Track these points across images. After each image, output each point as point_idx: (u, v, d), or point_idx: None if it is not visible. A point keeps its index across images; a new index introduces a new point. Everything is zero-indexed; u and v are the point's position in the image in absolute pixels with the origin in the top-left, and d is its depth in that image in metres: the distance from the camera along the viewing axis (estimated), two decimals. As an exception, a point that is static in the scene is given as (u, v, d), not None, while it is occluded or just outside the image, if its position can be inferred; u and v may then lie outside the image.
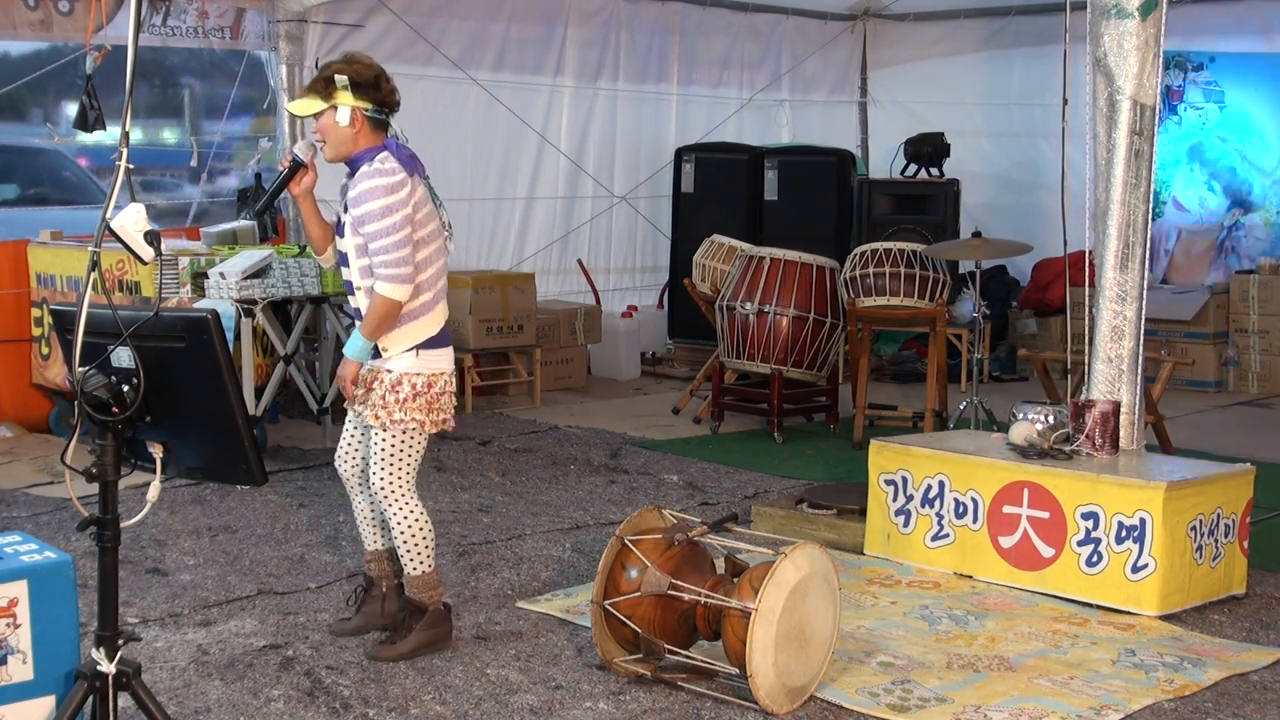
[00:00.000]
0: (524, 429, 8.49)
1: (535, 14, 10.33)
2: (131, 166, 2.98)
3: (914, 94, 12.12)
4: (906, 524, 5.68)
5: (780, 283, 8.13)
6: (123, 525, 3.10)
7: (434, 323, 4.62)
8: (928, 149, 10.62)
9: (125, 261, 7.26)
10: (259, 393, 7.44)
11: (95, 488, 3.06)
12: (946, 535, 5.56)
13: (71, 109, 8.24)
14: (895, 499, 5.71)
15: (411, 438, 4.59)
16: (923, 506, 5.63)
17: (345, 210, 4.62)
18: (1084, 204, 5.64)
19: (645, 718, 4.15)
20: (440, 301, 4.63)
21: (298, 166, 4.68)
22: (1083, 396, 5.59)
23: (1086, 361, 5.62)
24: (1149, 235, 5.60)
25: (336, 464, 4.92)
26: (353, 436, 4.83)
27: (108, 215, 2.95)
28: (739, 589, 4.21)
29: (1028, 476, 5.33)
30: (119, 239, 2.98)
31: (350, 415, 4.80)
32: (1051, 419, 5.45)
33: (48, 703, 3.26)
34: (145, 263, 3.12)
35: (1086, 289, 5.58)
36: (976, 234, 8.21)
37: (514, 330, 9.25)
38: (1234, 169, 10.74)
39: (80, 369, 3.01)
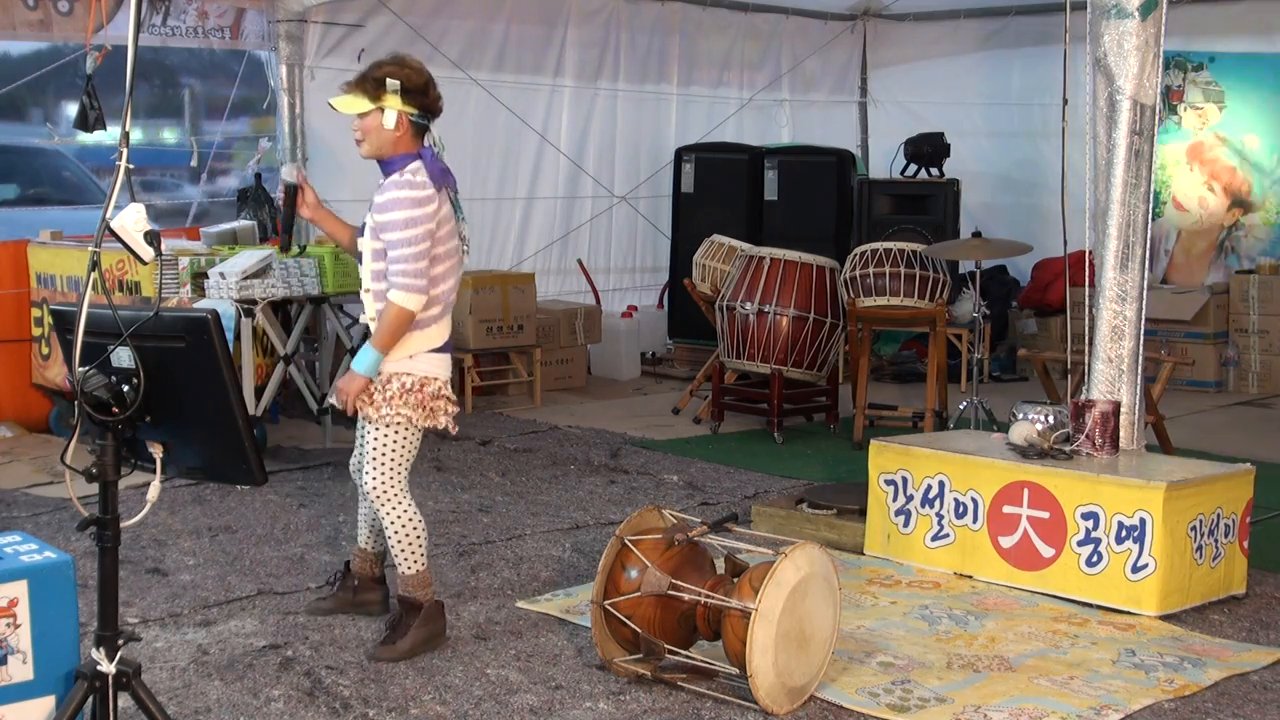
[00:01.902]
0: (524, 429, 8.49)
1: (535, 14, 10.33)
2: (131, 166, 2.98)
3: (914, 94, 12.12)
4: (906, 524, 5.68)
5: (780, 283, 8.13)
6: (123, 525, 3.10)
7: (438, 334, 4.64)
8: (928, 149, 10.62)
9: (125, 261, 7.26)
10: (259, 393, 7.45)
11: (95, 488, 3.06)
12: (946, 535, 5.56)
13: (71, 109, 8.24)
14: (895, 499, 5.71)
15: (400, 434, 4.58)
16: (923, 506, 5.63)
17: (369, 211, 4.62)
18: (1084, 204, 5.64)
19: (645, 718, 4.15)
20: (447, 315, 4.66)
21: (293, 191, 4.74)
22: (1083, 396, 5.59)
23: (1086, 361, 5.62)
24: (1149, 235, 5.60)
25: (351, 469, 4.97)
26: (362, 440, 4.84)
27: (108, 215, 2.95)
28: (739, 589, 4.21)
29: (1028, 476, 5.33)
30: (119, 239, 2.98)
31: (360, 421, 4.79)
32: (1051, 419, 5.45)
33: (48, 703, 3.26)
34: (145, 263, 3.12)
35: (1086, 289, 5.58)
36: (976, 234, 8.22)
37: (514, 330, 9.25)
38: (1234, 169, 10.74)
39: (80, 369, 3.01)
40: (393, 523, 4.61)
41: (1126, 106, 5.45)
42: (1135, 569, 5.06)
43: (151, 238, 3.01)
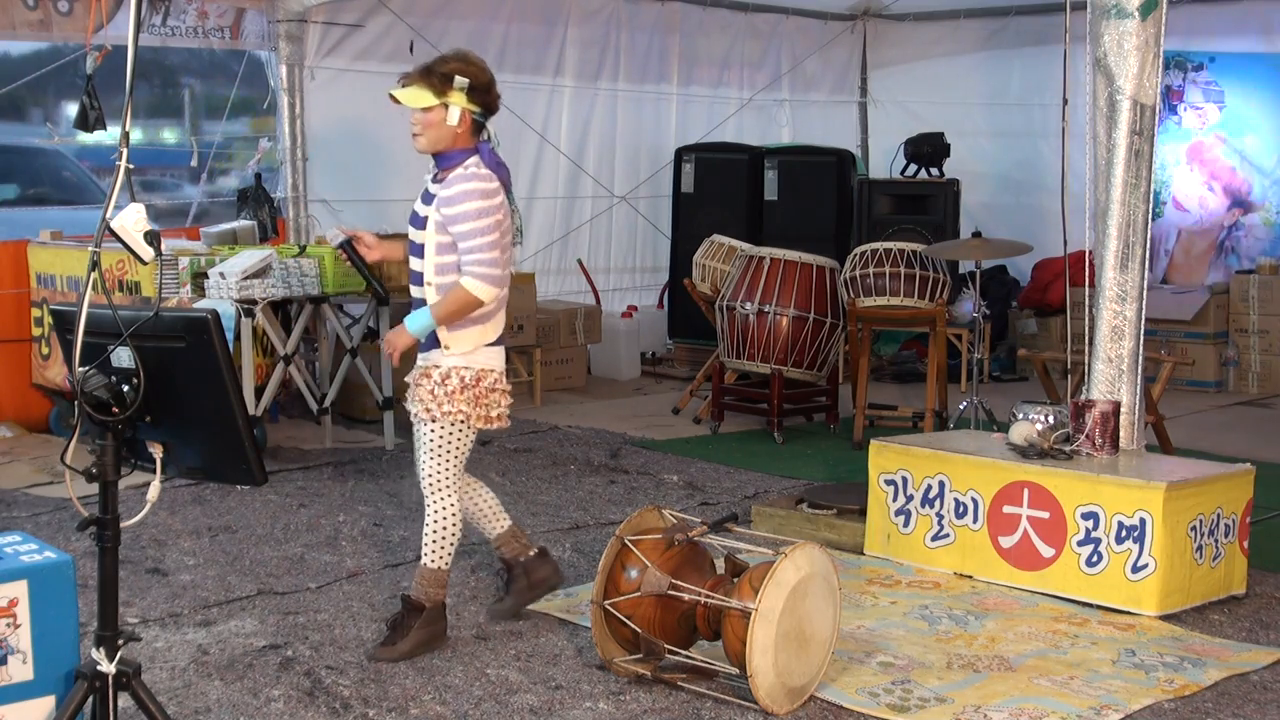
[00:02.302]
0: (524, 429, 8.49)
1: (535, 14, 10.33)
2: (131, 166, 2.98)
3: (914, 94, 12.12)
4: (906, 524, 5.68)
5: (780, 283, 8.13)
6: (123, 525, 3.10)
7: (495, 327, 4.67)
8: (928, 149, 10.62)
9: (125, 261, 7.26)
10: (259, 393, 7.44)
11: (95, 488, 3.06)
12: (946, 535, 5.56)
13: (71, 109, 8.24)
14: (895, 499, 5.71)
15: (458, 430, 4.64)
16: (923, 506, 5.63)
17: (426, 203, 4.62)
18: (1084, 204, 5.64)
19: (645, 718, 4.15)
20: (503, 309, 4.69)
21: (350, 245, 4.83)
22: (1083, 396, 5.59)
23: (1086, 361, 5.62)
24: (1149, 235, 5.60)
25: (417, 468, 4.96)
26: None
27: (108, 215, 2.95)
28: (739, 589, 4.21)
29: (1028, 476, 5.33)
30: (119, 239, 2.98)
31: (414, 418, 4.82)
32: (1051, 419, 5.45)
33: (48, 703, 3.26)
34: (145, 263, 3.12)
35: (1086, 289, 5.58)
36: (976, 234, 8.21)
37: (514, 330, 9.25)
38: (1234, 169, 10.74)
39: (80, 369, 3.01)
40: (436, 514, 4.67)
41: (1126, 106, 5.45)
42: (1135, 569, 5.06)
43: (151, 238, 3.00)
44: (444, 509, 4.67)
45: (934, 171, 10.63)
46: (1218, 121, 10.76)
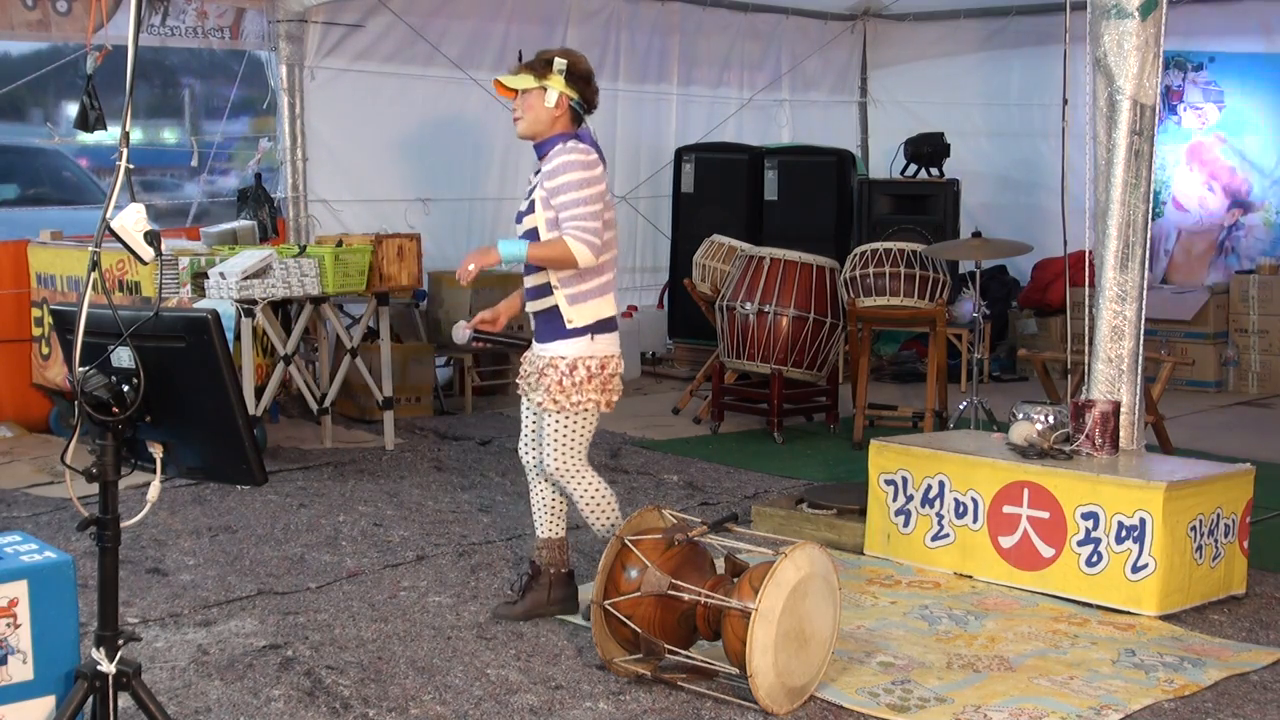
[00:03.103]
0: (524, 429, 8.48)
1: (535, 14, 10.33)
2: (131, 166, 2.98)
3: (914, 94, 12.11)
4: (906, 524, 5.68)
5: (780, 283, 8.13)
6: (123, 525, 3.10)
7: (611, 304, 4.80)
8: (928, 149, 10.63)
9: (125, 261, 7.26)
10: (259, 393, 7.44)
11: (95, 488, 3.06)
12: (946, 535, 5.56)
13: (71, 109, 8.24)
14: (895, 499, 5.71)
15: (586, 418, 4.80)
16: (923, 506, 5.63)
17: (532, 190, 4.78)
18: (1084, 204, 5.64)
19: (645, 718, 4.15)
20: (615, 288, 4.82)
21: (479, 338, 5.07)
22: (1083, 396, 5.58)
23: (1086, 361, 5.62)
24: (1149, 235, 5.60)
25: (520, 453, 5.13)
26: (534, 425, 5.03)
27: (108, 215, 2.95)
28: (739, 589, 4.21)
29: (1028, 476, 5.33)
30: (119, 239, 2.98)
31: (525, 405, 5.04)
32: (1051, 419, 5.45)
33: (48, 703, 3.26)
34: (145, 263, 3.12)
35: (1086, 289, 5.58)
36: (976, 234, 8.21)
37: (514, 330, 9.23)
38: (1233, 169, 10.74)
39: (80, 369, 3.01)
40: (581, 496, 4.85)
41: (1126, 106, 5.45)
42: (1135, 569, 5.06)
43: (151, 238, 3.00)
44: (585, 488, 4.85)
45: (934, 171, 10.63)
46: (1218, 121, 10.76)
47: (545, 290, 4.78)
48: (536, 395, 4.82)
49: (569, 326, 4.74)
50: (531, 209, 4.75)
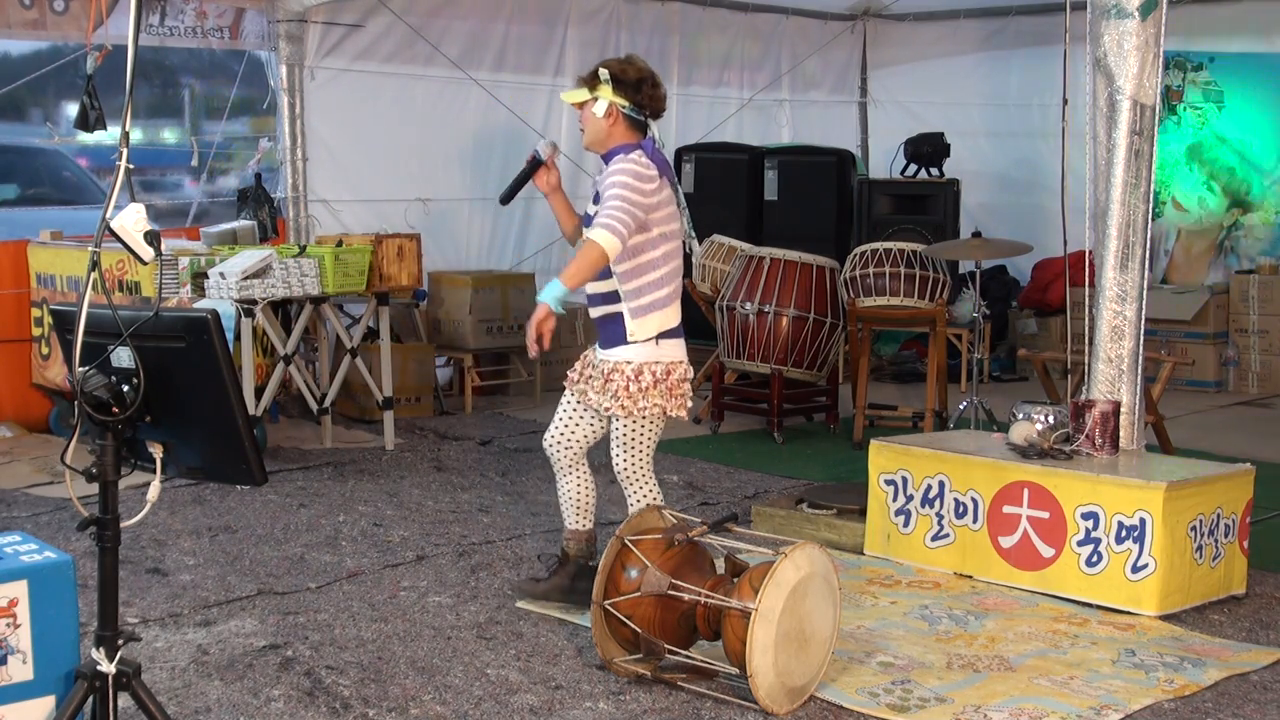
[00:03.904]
0: (524, 429, 8.49)
1: (535, 14, 10.33)
2: (131, 166, 2.98)
3: (914, 94, 12.11)
4: (906, 524, 5.68)
5: (780, 283, 8.13)
6: (123, 525, 3.10)
7: (674, 314, 4.83)
8: (928, 149, 10.62)
9: (125, 261, 7.26)
10: (259, 393, 7.44)
11: (95, 488, 3.06)
12: (946, 535, 5.56)
13: (71, 109, 8.24)
14: (895, 499, 5.71)
15: (652, 424, 4.85)
16: (923, 506, 5.63)
17: (595, 202, 4.83)
18: (1084, 204, 5.64)
19: (645, 718, 4.15)
20: (679, 297, 4.84)
21: (538, 164, 5.00)
22: (1083, 396, 5.59)
23: (1086, 361, 5.62)
24: (1149, 235, 5.60)
25: (545, 444, 5.11)
26: (570, 419, 5.03)
27: (108, 215, 2.95)
28: (739, 589, 4.21)
29: (1028, 476, 5.33)
30: (119, 239, 2.98)
31: (567, 399, 5.02)
32: (1051, 419, 5.45)
33: (48, 703, 3.25)
34: (145, 263, 3.12)
35: (1086, 289, 5.58)
36: (976, 234, 8.21)
37: (514, 330, 9.25)
38: (1233, 169, 10.74)
39: (80, 369, 3.01)
40: (639, 501, 4.89)
41: (1126, 106, 5.45)
42: (1135, 569, 5.06)
43: (151, 238, 3.00)
44: (646, 494, 4.89)
45: (934, 171, 10.63)
46: (1217, 121, 10.76)
47: (609, 299, 4.82)
48: (604, 400, 4.81)
49: (630, 339, 4.79)
50: (589, 222, 4.81)
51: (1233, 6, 10.30)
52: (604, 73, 4.78)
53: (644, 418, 4.82)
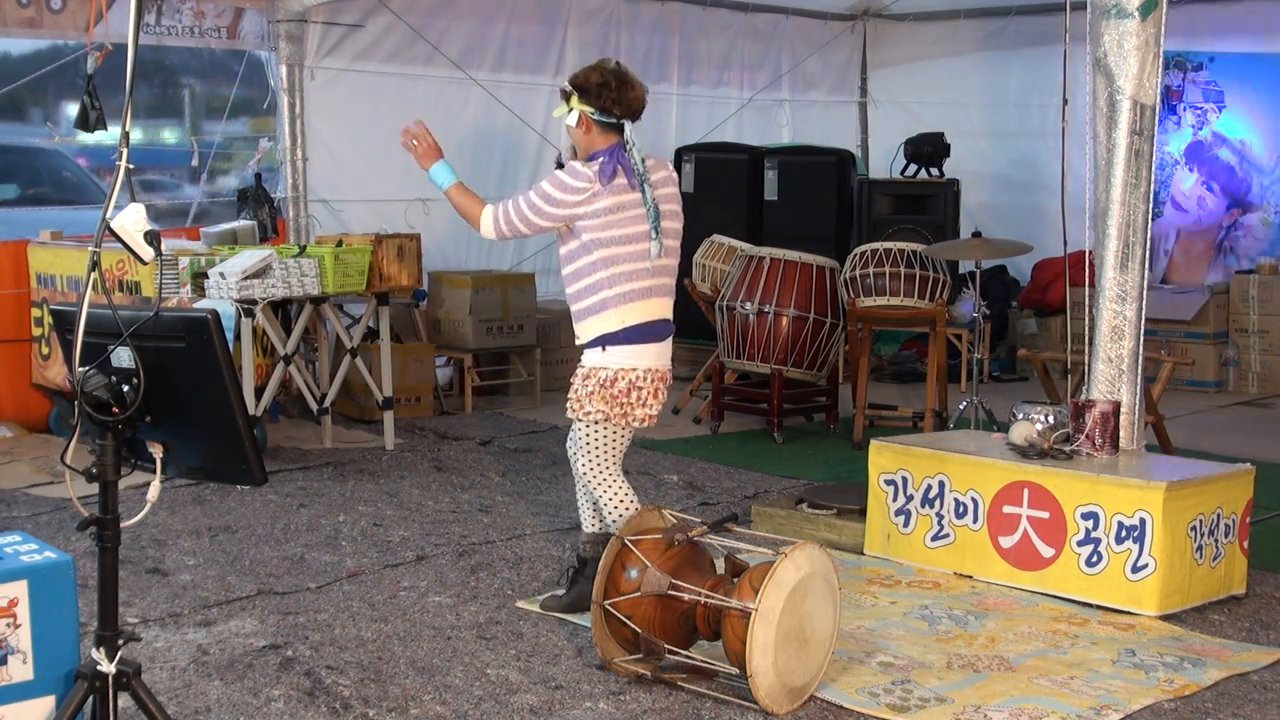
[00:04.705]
0: (524, 429, 8.49)
1: (535, 14, 10.33)
2: (131, 166, 2.98)
3: (914, 94, 12.12)
4: (906, 524, 5.68)
5: (780, 283, 8.13)
6: (123, 525, 3.10)
7: (615, 320, 4.81)
8: (928, 149, 10.62)
9: (125, 261, 7.26)
10: (259, 393, 7.44)
11: (95, 488, 3.06)
12: (946, 535, 5.56)
13: (71, 109, 8.24)
14: (895, 499, 5.71)
15: (600, 429, 4.86)
16: (923, 506, 5.63)
17: None
18: (1084, 204, 5.65)
19: (645, 718, 4.15)
20: (627, 304, 4.81)
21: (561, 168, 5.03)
22: (1083, 396, 5.59)
23: (1086, 361, 5.62)
24: (1149, 235, 5.60)
25: (568, 448, 5.12)
26: None
27: (108, 215, 2.95)
28: (739, 589, 4.21)
29: (1028, 476, 5.33)
30: (119, 239, 2.98)
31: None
32: (1051, 419, 5.45)
33: (48, 703, 3.26)
34: (145, 263, 3.12)
35: (1086, 289, 5.58)
36: (976, 234, 8.21)
37: (514, 330, 9.25)
38: (1233, 169, 10.74)
39: (80, 369, 3.01)
40: (608, 502, 4.91)
41: (1126, 106, 5.45)
42: (1135, 569, 5.06)
43: (151, 238, 3.00)
44: (612, 496, 4.91)
45: (934, 171, 10.63)
46: (1217, 121, 10.76)
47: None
48: (568, 401, 4.91)
49: (577, 342, 4.90)
50: None
51: (1233, 6, 10.31)
52: (567, 86, 4.88)
53: (593, 422, 4.84)
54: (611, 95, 4.82)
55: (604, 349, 4.81)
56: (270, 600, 5.21)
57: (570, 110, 4.86)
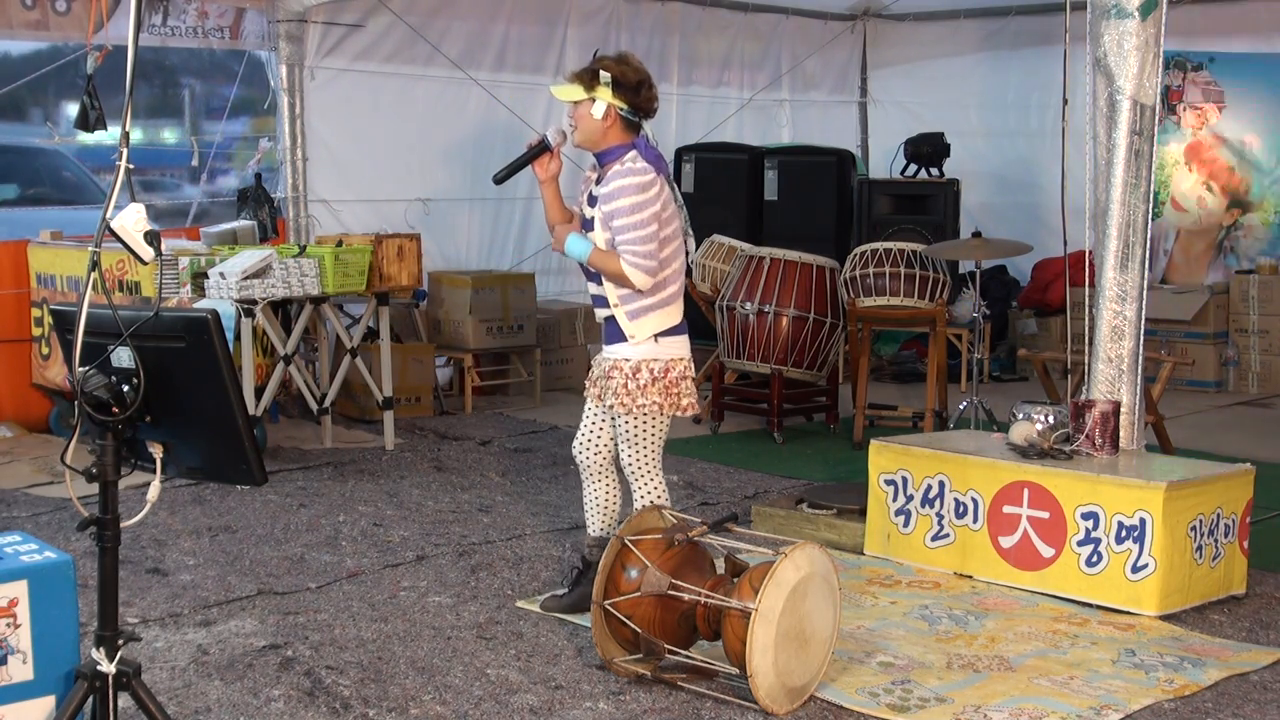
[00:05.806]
0: (524, 429, 8.49)
1: (535, 14, 10.33)
2: (131, 166, 2.98)
3: (914, 94, 12.11)
4: (906, 524, 5.68)
5: (780, 283, 8.13)
6: (123, 525, 3.10)
7: (675, 313, 4.84)
8: (928, 149, 10.62)
9: (125, 261, 7.26)
10: (259, 393, 7.44)
11: (95, 488, 3.06)
12: (946, 535, 5.56)
13: (72, 109, 8.24)
14: (895, 499, 5.71)
15: (651, 420, 4.85)
16: (923, 506, 5.63)
17: (591, 205, 4.86)
18: (1084, 204, 5.65)
19: (645, 718, 4.15)
20: (680, 296, 4.84)
21: (544, 149, 4.97)
22: (1083, 396, 5.59)
23: (1086, 361, 5.62)
24: (1149, 235, 5.60)
25: (574, 451, 5.13)
26: (594, 425, 5.05)
27: (108, 215, 2.95)
28: (739, 589, 4.21)
29: (1028, 476, 5.33)
30: (119, 239, 2.98)
31: (588, 405, 5.05)
32: (1051, 419, 5.45)
33: (48, 703, 3.25)
34: (145, 263, 3.12)
35: (1086, 289, 5.59)
36: (976, 234, 8.21)
37: (514, 330, 9.25)
38: (1232, 169, 10.74)
39: (80, 369, 3.01)
40: (643, 496, 4.90)
41: (1126, 106, 5.45)
42: (1135, 569, 5.06)
43: (151, 238, 3.00)
44: (651, 490, 4.90)
45: (934, 171, 10.63)
46: (1217, 121, 10.76)
47: (606, 303, 4.86)
48: (607, 397, 4.86)
49: (628, 339, 4.82)
50: (592, 226, 4.83)
51: (1233, 6, 10.31)
52: (605, 75, 4.73)
53: (644, 414, 4.83)
54: (648, 94, 4.80)
55: (656, 340, 4.79)
56: (270, 600, 5.21)
57: (595, 100, 4.75)
